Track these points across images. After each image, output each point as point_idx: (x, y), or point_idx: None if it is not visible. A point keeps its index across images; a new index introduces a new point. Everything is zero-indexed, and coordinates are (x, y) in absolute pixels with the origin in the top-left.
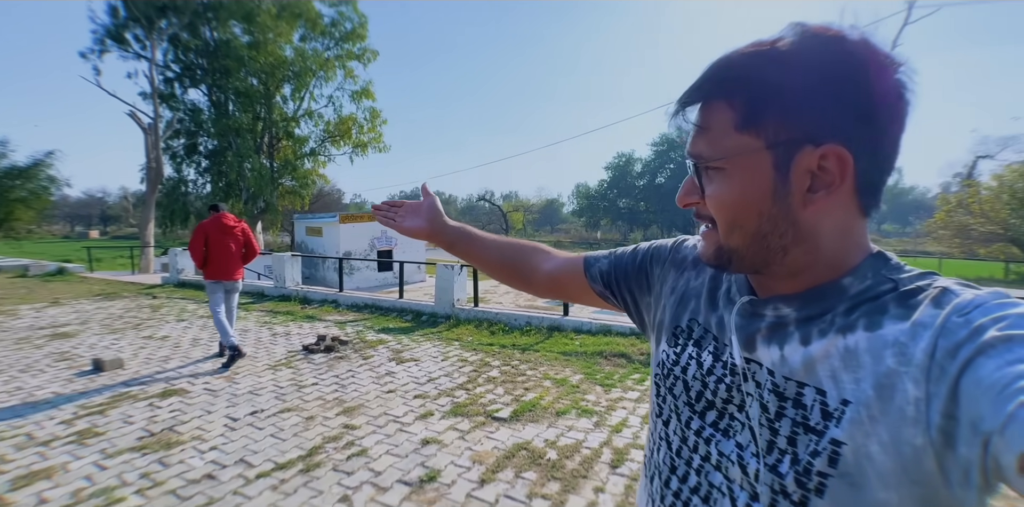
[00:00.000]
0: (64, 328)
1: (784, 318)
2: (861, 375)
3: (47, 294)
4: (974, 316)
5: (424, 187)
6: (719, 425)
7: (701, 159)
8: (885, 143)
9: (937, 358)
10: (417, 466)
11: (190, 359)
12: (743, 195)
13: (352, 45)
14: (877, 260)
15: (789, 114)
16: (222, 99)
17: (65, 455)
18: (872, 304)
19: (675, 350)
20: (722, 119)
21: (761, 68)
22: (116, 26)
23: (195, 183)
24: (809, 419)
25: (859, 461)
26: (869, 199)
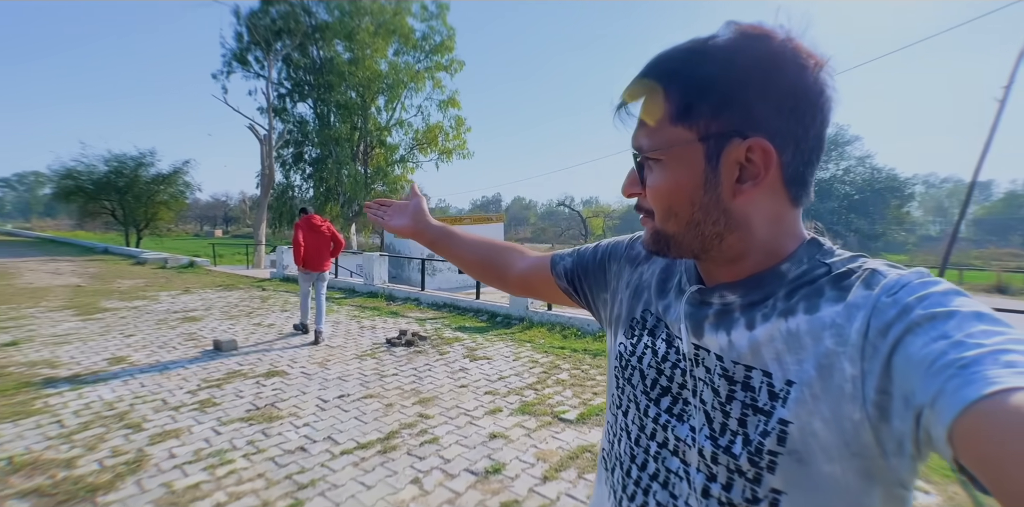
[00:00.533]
0: (192, 313)
1: (729, 305)
2: (803, 356)
3: (180, 283)
4: (901, 296)
5: (413, 188)
6: (673, 410)
7: (641, 151)
8: (809, 137)
9: (870, 337)
10: (484, 458)
11: (290, 345)
12: (677, 185)
13: (441, 56)
14: (811, 246)
15: (719, 108)
16: (325, 111)
17: (190, 419)
18: (809, 288)
19: (631, 341)
20: (659, 112)
21: (694, 64)
22: (241, 50)
23: (300, 188)
24: (757, 400)
25: (805, 438)
26: (798, 190)
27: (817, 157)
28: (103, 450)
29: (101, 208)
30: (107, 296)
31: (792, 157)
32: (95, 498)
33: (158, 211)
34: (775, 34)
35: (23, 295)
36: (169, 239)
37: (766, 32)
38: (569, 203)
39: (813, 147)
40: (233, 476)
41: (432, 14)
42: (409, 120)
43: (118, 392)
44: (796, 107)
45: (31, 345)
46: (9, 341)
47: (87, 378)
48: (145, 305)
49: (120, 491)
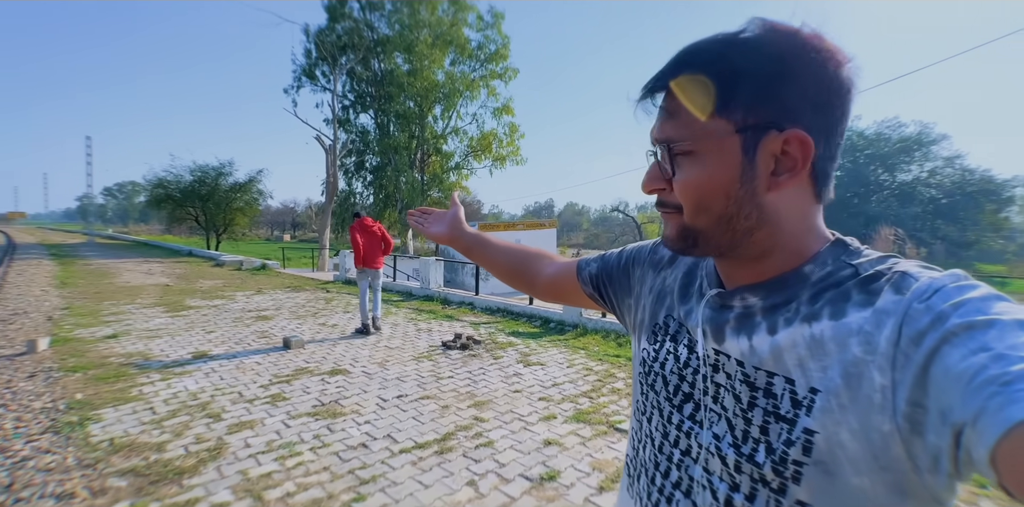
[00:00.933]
0: (264, 312)
1: (751, 308)
2: (827, 363)
3: (254, 284)
4: (935, 302)
5: (453, 198)
6: (696, 417)
7: (671, 143)
8: (837, 132)
9: (901, 346)
10: (538, 464)
11: (352, 345)
12: (712, 178)
13: (495, 65)
14: (836, 247)
15: (757, 100)
16: (385, 121)
17: (262, 412)
18: (835, 291)
19: (654, 347)
20: (694, 103)
21: (730, 55)
22: (309, 65)
23: (361, 195)
24: (780, 408)
25: (831, 449)
26: (823, 185)
27: (840, 153)
28: (188, 437)
29: (186, 214)
30: (191, 295)
31: (823, 151)
32: (181, 480)
33: (235, 217)
34: (804, 30)
35: (122, 293)
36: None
37: (796, 28)
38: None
39: (839, 142)
40: (301, 468)
41: (488, 24)
42: (464, 128)
43: (201, 384)
44: (828, 102)
45: (128, 338)
46: (111, 334)
47: (175, 369)
48: (223, 304)
49: (202, 475)
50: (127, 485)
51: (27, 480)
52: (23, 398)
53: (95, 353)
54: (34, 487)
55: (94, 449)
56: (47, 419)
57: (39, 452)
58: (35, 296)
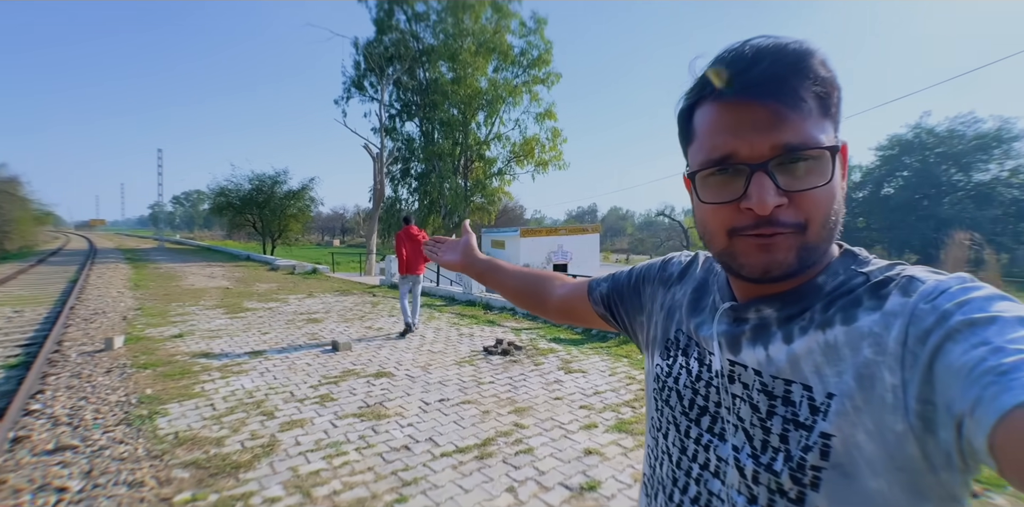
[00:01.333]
0: (315, 315)
1: (766, 319)
2: (842, 368)
3: (305, 288)
4: (940, 302)
5: (464, 225)
6: (714, 429)
7: (794, 149)
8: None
9: (909, 345)
10: (579, 473)
11: (397, 349)
12: (835, 187)
13: (538, 70)
14: (846, 257)
15: (838, 109)
16: (429, 129)
17: (312, 412)
18: (847, 298)
19: (667, 362)
20: (802, 106)
21: (818, 62)
22: (358, 76)
23: (406, 201)
24: (798, 415)
25: (849, 451)
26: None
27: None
28: (244, 433)
29: (245, 221)
30: (248, 297)
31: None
32: (238, 474)
33: (289, 223)
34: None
35: (187, 295)
36: (297, 248)
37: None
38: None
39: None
40: (347, 467)
41: (530, 30)
42: (507, 134)
43: (256, 382)
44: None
45: (192, 337)
46: (177, 334)
47: (233, 368)
48: (277, 306)
49: (256, 470)
50: (189, 476)
51: (104, 468)
52: (101, 391)
53: (163, 351)
54: (109, 475)
55: (161, 441)
56: (121, 412)
57: (114, 442)
58: (112, 297)
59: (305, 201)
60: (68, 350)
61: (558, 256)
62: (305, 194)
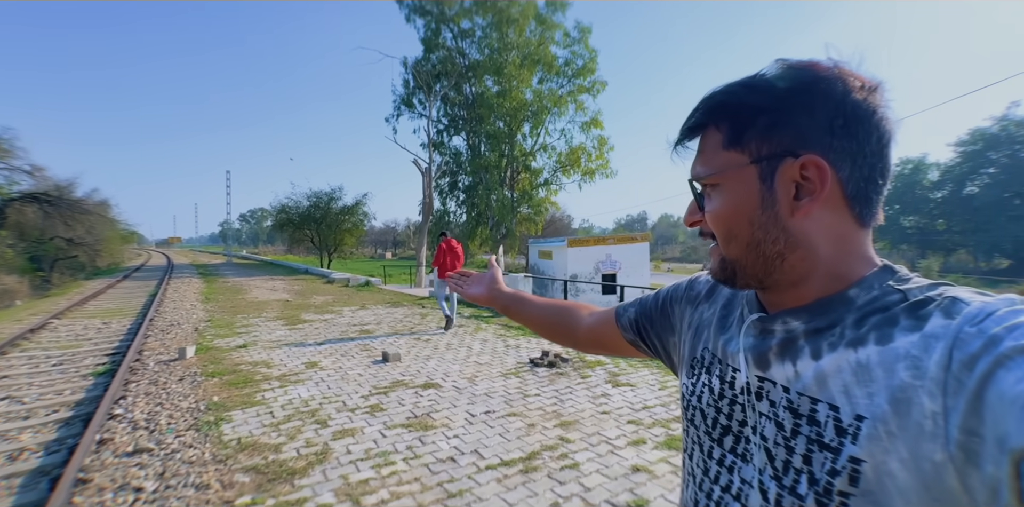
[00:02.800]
0: (367, 326)
1: (793, 332)
2: (874, 389)
3: (359, 300)
4: (987, 325)
5: (491, 260)
6: (737, 450)
7: (698, 178)
8: (865, 153)
9: (953, 370)
10: (625, 491)
11: (444, 360)
12: (735, 206)
13: (583, 79)
14: (884, 272)
15: (768, 131)
16: (476, 142)
17: (363, 421)
18: (882, 316)
19: (692, 380)
20: (711, 142)
21: (741, 95)
22: (407, 94)
23: (454, 214)
24: (823, 436)
25: (880, 478)
26: (863, 208)
27: (881, 174)
28: (300, 440)
29: (304, 236)
30: (306, 310)
31: (850, 173)
32: (293, 480)
33: (344, 238)
34: (822, 64)
35: (251, 307)
36: (351, 261)
37: (812, 63)
38: None
39: (873, 164)
40: (395, 477)
41: (574, 39)
42: (552, 144)
43: (311, 392)
44: (846, 125)
45: (255, 348)
46: (242, 344)
47: (291, 378)
48: (332, 318)
49: (310, 477)
50: (250, 481)
51: (175, 470)
52: (174, 398)
53: (229, 361)
54: (180, 477)
55: (225, 446)
56: (191, 417)
57: (184, 446)
58: (186, 310)
59: (359, 216)
60: (147, 359)
61: (606, 266)
62: (359, 209)
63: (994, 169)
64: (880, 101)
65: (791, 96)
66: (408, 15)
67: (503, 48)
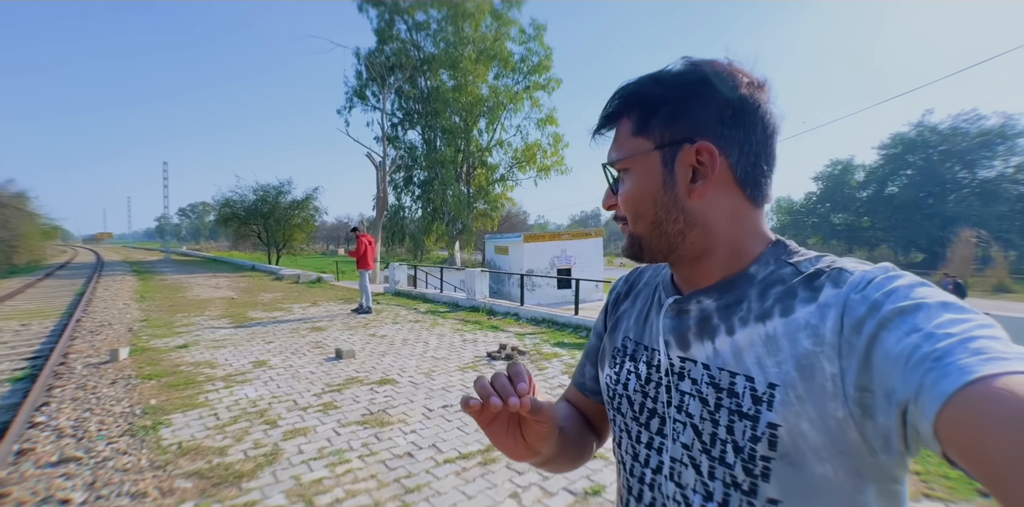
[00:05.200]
0: (319, 324)
1: (706, 310)
2: (782, 358)
3: (310, 297)
4: (869, 292)
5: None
6: (663, 430)
7: (611, 164)
8: (752, 142)
9: (845, 335)
10: (583, 478)
11: (400, 355)
12: (642, 188)
13: (538, 76)
14: (777, 247)
15: (670, 120)
16: (431, 137)
17: (315, 420)
18: (781, 288)
19: (615, 370)
20: (624, 130)
21: (649, 87)
22: (360, 86)
23: (410, 209)
24: (742, 406)
25: (795, 440)
26: (753, 190)
27: (767, 161)
28: (247, 442)
29: (250, 231)
30: (253, 307)
31: (738, 158)
32: (240, 483)
33: (293, 233)
34: (719, 62)
35: (192, 305)
36: (302, 257)
37: (711, 61)
38: None
39: (759, 151)
40: (350, 475)
41: (530, 36)
42: (508, 140)
43: (259, 391)
44: (735, 116)
45: (197, 348)
46: (182, 344)
47: (237, 378)
48: (282, 316)
49: (259, 479)
50: (192, 486)
51: (107, 479)
52: (106, 403)
53: (168, 362)
54: (112, 486)
55: (164, 452)
56: (125, 423)
57: (118, 453)
58: (118, 309)
59: (309, 211)
60: (74, 362)
61: (561, 260)
62: (309, 204)
63: (911, 171)
64: (765, 97)
65: (690, 88)
66: (361, 5)
67: (459, 42)
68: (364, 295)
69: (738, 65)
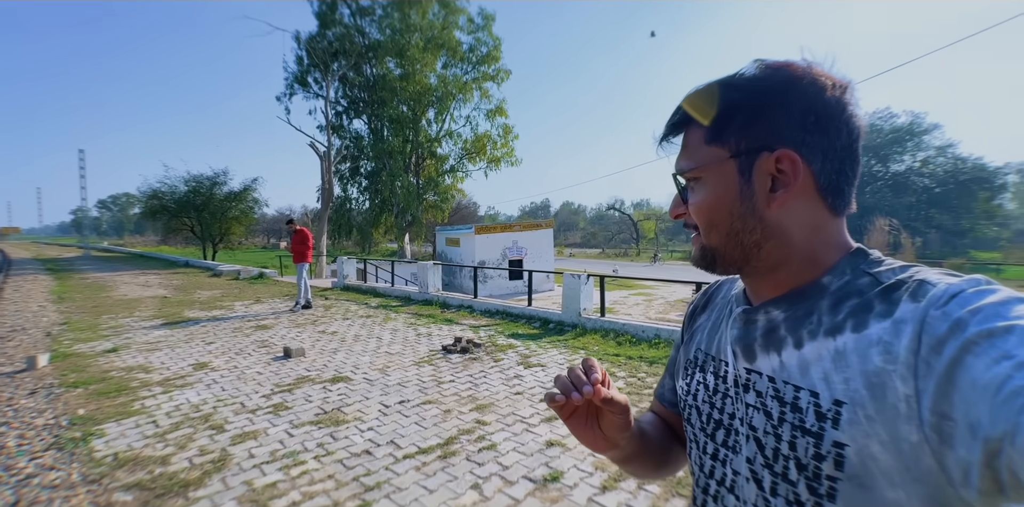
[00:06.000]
0: (264, 321)
1: (774, 321)
2: (850, 374)
3: (252, 294)
4: (951, 309)
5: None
6: (728, 442)
7: (682, 172)
8: (836, 148)
9: (922, 354)
10: (541, 465)
11: (353, 352)
12: (717, 198)
13: (488, 67)
14: (856, 257)
15: (746, 127)
16: (379, 126)
17: (266, 422)
18: (856, 301)
19: (686, 381)
20: (694, 137)
21: (722, 93)
22: (301, 72)
23: (357, 200)
24: (805, 422)
25: (864, 462)
26: (835, 199)
27: (851, 167)
28: (192, 449)
29: (182, 225)
30: (189, 306)
31: (822, 166)
32: (187, 493)
33: (231, 226)
34: (796, 64)
35: (119, 306)
36: (240, 252)
37: (787, 63)
38: (619, 206)
39: (844, 157)
40: (306, 476)
41: (478, 26)
42: (458, 131)
43: (203, 395)
44: (818, 121)
45: (128, 352)
46: (110, 348)
47: (176, 382)
48: (222, 314)
49: (208, 487)
50: (133, 499)
51: (32, 498)
52: (25, 415)
53: (95, 368)
54: (40, 504)
55: (98, 464)
56: (50, 436)
57: (43, 469)
58: (32, 312)
59: (248, 203)
60: None
61: (513, 252)
62: (248, 195)
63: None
64: (850, 100)
65: (767, 94)
66: None
67: (405, 29)
68: (303, 290)
69: (818, 67)
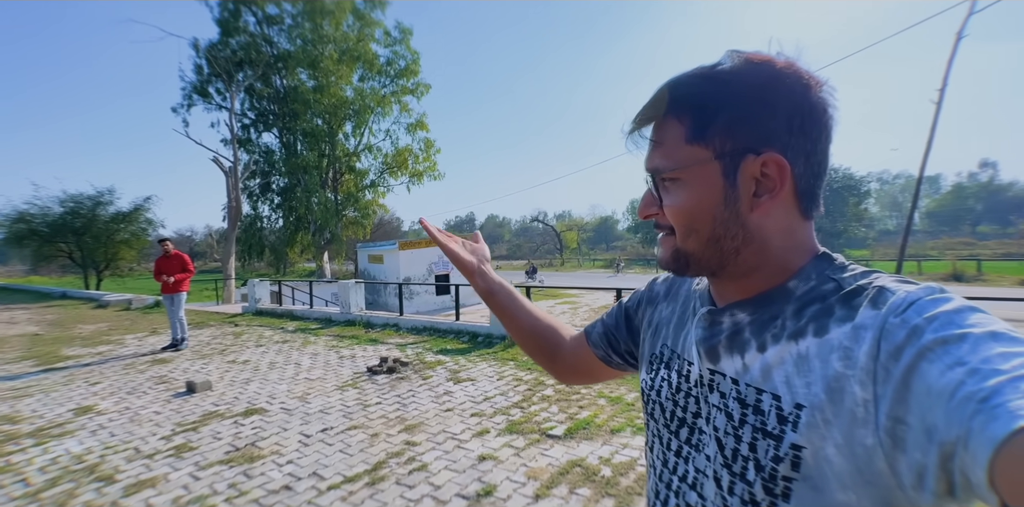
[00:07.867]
0: (161, 355)
1: (739, 324)
2: (811, 379)
3: (147, 324)
4: (909, 316)
5: (477, 235)
6: (692, 440)
7: (658, 172)
8: (816, 151)
9: (881, 360)
10: (474, 481)
11: (268, 381)
12: (699, 202)
13: (407, 80)
14: (821, 261)
15: (732, 127)
16: (291, 140)
17: (166, 467)
18: (819, 306)
19: (651, 376)
20: (674, 134)
21: (705, 87)
22: (201, 82)
23: (269, 218)
24: (767, 424)
25: (819, 464)
26: (808, 202)
27: (824, 170)
28: (74, 506)
29: (57, 251)
30: (68, 343)
31: (803, 170)
32: None
33: (119, 251)
34: (778, 59)
35: None
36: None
37: (768, 58)
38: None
39: (821, 161)
40: None
41: (396, 39)
42: (378, 145)
43: (86, 443)
44: (803, 124)
45: None
46: None
47: (52, 431)
48: (110, 350)
49: None
50: None
51: None
52: None
53: None
54: None
55: None
56: None
57: None
58: None
59: (140, 224)
60: None
61: (439, 267)
62: (139, 216)
63: None
64: (828, 100)
65: (755, 91)
66: None
67: (318, 40)
68: (178, 325)
69: (798, 63)
